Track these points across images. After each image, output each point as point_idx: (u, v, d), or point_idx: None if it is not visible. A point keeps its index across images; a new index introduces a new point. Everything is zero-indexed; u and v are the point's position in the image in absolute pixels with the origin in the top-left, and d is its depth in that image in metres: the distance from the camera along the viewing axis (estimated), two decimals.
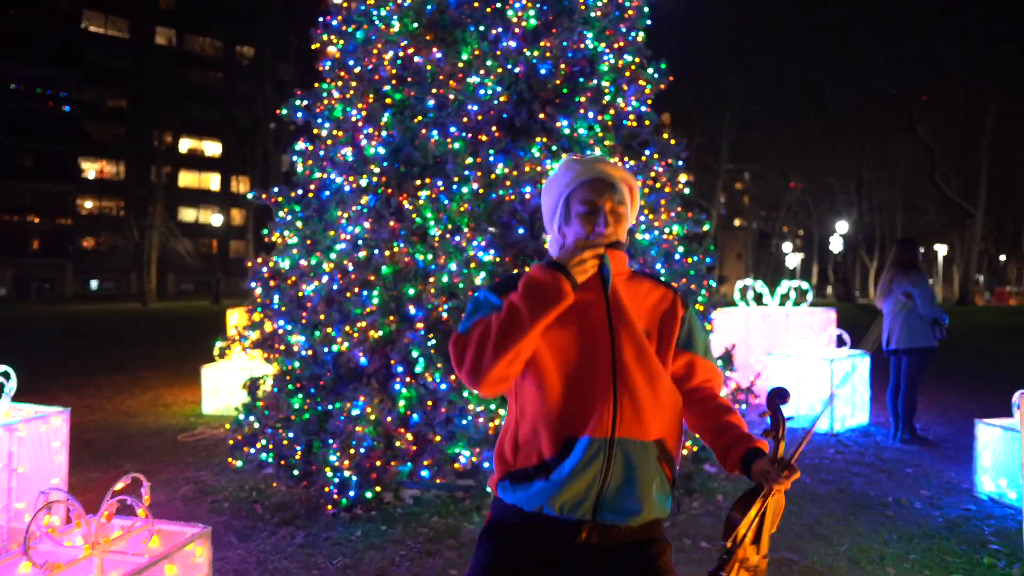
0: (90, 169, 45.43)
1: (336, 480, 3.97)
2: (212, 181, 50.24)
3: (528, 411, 1.55)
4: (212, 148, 49.91)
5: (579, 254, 1.51)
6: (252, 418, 4.74)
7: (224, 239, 48.61)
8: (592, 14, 4.76)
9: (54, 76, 42.67)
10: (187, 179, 49.00)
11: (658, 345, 1.61)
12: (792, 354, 6.52)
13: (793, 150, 34.63)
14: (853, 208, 37.35)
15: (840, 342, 6.51)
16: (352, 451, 3.84)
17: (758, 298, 7.87)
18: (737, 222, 59.27)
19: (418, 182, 4.41)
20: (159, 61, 43.31)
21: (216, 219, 38.10)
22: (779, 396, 1.59)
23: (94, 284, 44.79)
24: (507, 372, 1.50)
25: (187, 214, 48.32)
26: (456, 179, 4.28)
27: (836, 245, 40.19)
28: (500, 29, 4.60)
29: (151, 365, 10.65)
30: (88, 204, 45.52)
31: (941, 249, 45.14)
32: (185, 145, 48.80)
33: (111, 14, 45.40)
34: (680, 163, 5.02)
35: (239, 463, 4.45)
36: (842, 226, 38.32)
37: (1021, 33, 24.48)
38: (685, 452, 4.27)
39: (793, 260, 49.44)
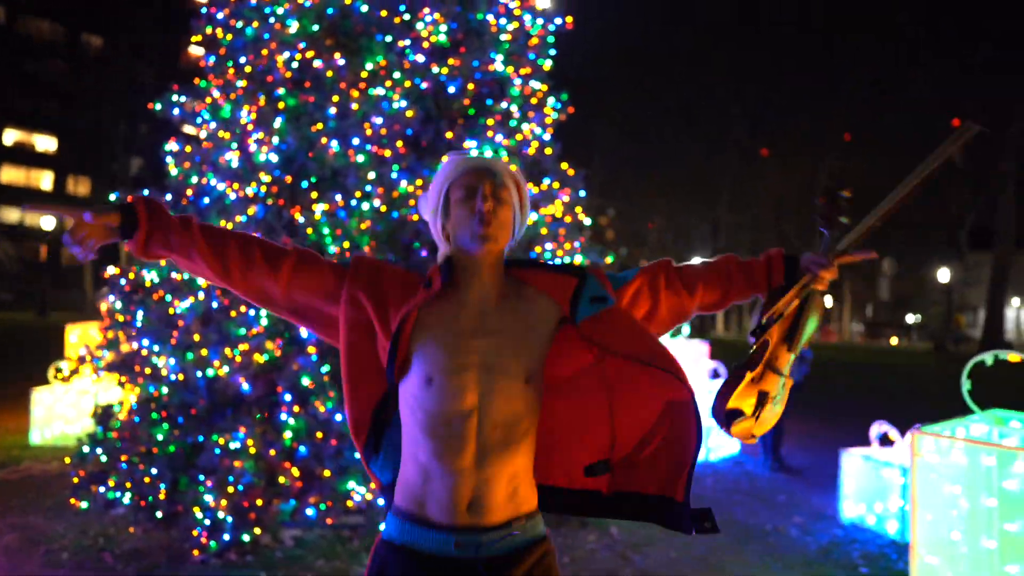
0: None
1: (207, 522, 3.51)
2: (44, 179, 45.04)
3: None
4: (46, 143, 44.87)
5: None
6: (100, 451, 4.13)
7: (55, 245, 43.56)
8: (502, 37, 4.72)
9: None
10: (12, 175, 43.61)
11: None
12: None
13: (657, 190, 36.82)
14: (708, 248, 40.26)
15: (715, 374, 6.83)
16: (230, 488, 3.41)
17: None
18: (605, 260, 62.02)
19: (314, 195, 4.09)
20: None
21: (47, 222, 34.10)
22: (835, 190, 1.43)
23: None
24: None
25: (10, 215, 42.90)
26: (357, 194, 4.02)
27: None
28: (408, 42, 4.42)
29: None
30: None
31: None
32: (11, 137, 43.51)
33: None
34: (581, 193, 5.07)
35: (84, 504, 3.83)
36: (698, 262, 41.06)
37: (851, 98, 27.81)
38: None
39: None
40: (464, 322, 1.35)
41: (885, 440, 4.74)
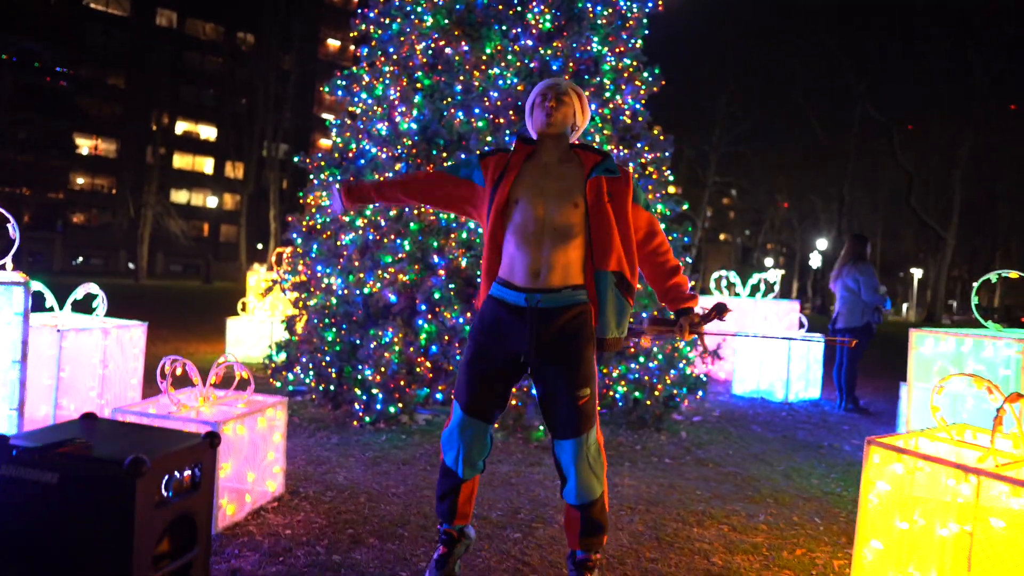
0: (84, 145, 45.54)
1: (364, 398, 4.72)
2: (206, 164, 50.48)
3: None
4: (207, 132, 50.16)
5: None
6: (283, 354, 5.49)
7: (216, 223, 48.88)
8: (599, 21, 5.56)
9: (52, 51, 42.77)
10: (181, 161, 49.19)
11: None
12: (755, 334, 7.35)
13: (779, 168, 35.78)
14: (834, 227, 38.59)
15: (801, 324, 7.35)
16: (382, 369, 4.59)
17: (731, 288, 8.70)
18: (722, 236, 60.61)
19: (444, 154, 5.17)
20: (159, 42, 43.62)
21: (212, 201, 38.48)
22: (720, 308, 2.30)
23: (79, 259, 44.73)
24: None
25: (179, 196, 48.57)
26: (478, 153, 5.05)
27: (816, 262, 41.41)
28: (519, 29, 5.38)
29: (163, 326, 11.27)
30: (80, 180, 45.63)
31: (917, 273, 46.58)
32: (180, 127, 49.05)
33: None
34: (667, 154, 5.83)
35: (278, 384, 5.18)
36: (823, 244, 39.52)
37: (993, 68, 25.73)
38: (657, 393, 5.07)
39: (774, 275, 50.65)
40: (537, 170, 2.32)
41: None
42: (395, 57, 5.49)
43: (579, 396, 2.21)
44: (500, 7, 5.39)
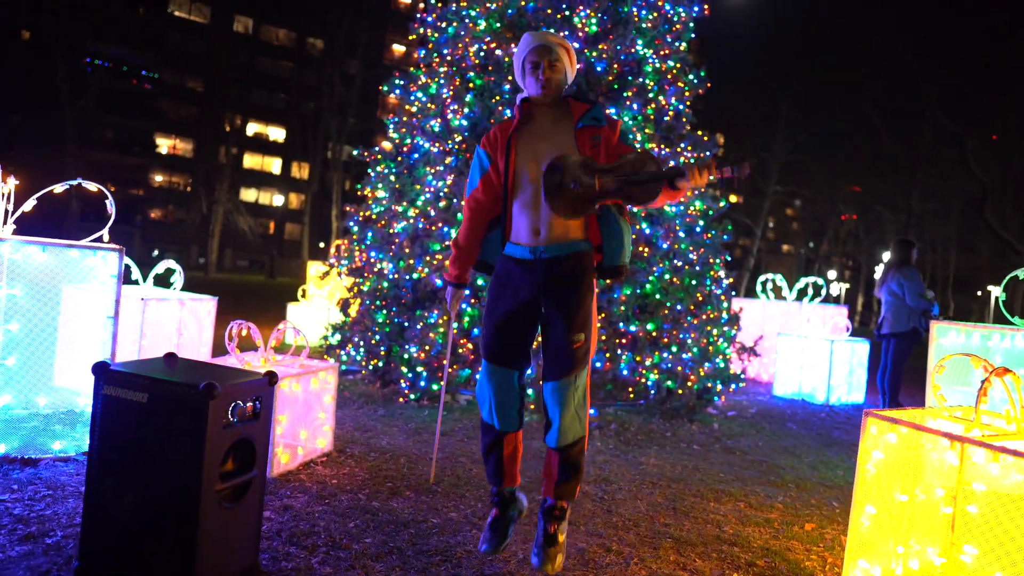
0: (163, 145, 48.07)
1: (410, 375, 5.05)
2: (274, 165, 52.49)
3: None
4: (276, 133, 52.15)
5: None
6: (337, 335, 5.89)
7: (281, 221, 50.76)
8: (644, 25, 5.77)
9: (138, 56, 45.37)
10: (251, 161, 51.30)
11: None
12: (799, 335, 7.37)
13: (843, 177, 34.83)
14: None
15: (848, 329, 7.34)
16: (427, 347, 4.91)
17: (777, 291, 8.70)
18: (785, 247, 59.20)
19: None
20: (235, 47, 45.72)
21: (278, 199, 40.00)
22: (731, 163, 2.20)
23: (156, 253, 47.19)
24: None
25: (248, 194, 50.65)
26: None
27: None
28: (566, 32, 5.64)
29: (227, 313, 11.94)
30: (159, 178, 48.16)
31: (996, 291, 44.38)
32: (252, 129, 51.18)
33: (197, 0, 48.06)
34: (708, 154, 5.97)
35: (332, 359, 5.56)
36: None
37: None
38: (690, 384, 5.22)
39: (836, 288, 49.18)
40: (532, 136, 2.42)
41: None
42: (449, 58, 5.82)
43: (574, 340, 2.32)
44: (548, 11, 5.65)
